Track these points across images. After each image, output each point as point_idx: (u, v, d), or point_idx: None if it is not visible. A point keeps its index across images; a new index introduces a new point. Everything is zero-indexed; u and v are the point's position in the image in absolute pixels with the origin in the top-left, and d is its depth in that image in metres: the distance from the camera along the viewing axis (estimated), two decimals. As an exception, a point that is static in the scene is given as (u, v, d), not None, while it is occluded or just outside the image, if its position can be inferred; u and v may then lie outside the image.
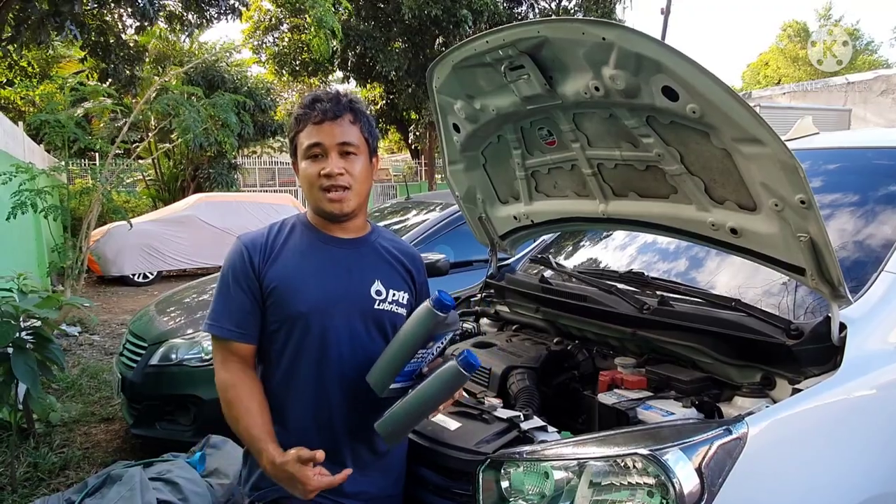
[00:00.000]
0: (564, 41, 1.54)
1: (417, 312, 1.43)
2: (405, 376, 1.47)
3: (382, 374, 1.45)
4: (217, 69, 14.94)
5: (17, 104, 13.37)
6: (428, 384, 1.41)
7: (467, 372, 1.37)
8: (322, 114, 1.50)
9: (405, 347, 1.43)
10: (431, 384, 1.41)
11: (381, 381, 1.45)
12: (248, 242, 1.55)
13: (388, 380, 1.45)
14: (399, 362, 1.44)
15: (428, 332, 1.42)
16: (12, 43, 8.19)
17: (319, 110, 1.51)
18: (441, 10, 14.53)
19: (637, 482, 1.27)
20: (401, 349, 1.44)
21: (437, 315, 1.40)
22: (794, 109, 12.05)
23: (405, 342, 1.43)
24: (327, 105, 1.51)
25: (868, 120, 14.32)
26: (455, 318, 1.49)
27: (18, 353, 3.07)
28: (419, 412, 1.43)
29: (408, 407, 1.42)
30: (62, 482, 3.37)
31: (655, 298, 1.87)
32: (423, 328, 1.41)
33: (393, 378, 1.45)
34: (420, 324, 1.42)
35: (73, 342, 6.33)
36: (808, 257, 1.45)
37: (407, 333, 1.44)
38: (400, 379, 1.46)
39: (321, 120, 1.50)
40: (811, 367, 1.46)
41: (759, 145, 1.39)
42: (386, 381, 1.45)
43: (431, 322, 1.40)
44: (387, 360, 1.45)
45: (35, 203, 5.32)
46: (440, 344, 1.50)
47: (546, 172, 2.10)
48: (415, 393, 1.42)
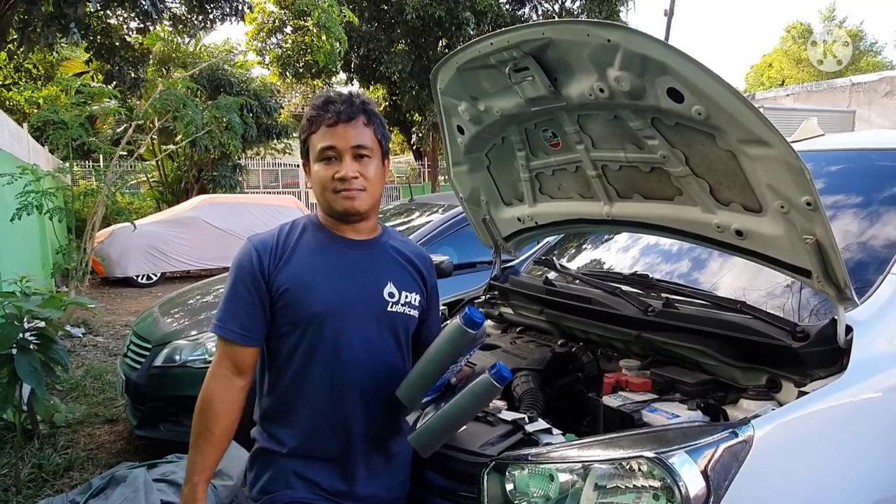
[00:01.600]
0: (569, 43, 1.54)
1: (448, 330, 1.42)
2: (434, 390, 1.48)
3: (414, 389, 1.45)
4: (223, 72, 14.97)
5: (22, 106, 13.42)
6: (462, 398, 1.41)
7: (500, 384, 1.37)
8: (336, 116, 1.48)
9: (436, 364, 1.43)
10: (465, 398, 1.40)
11: (413, 397, 1.46)
12: (259, 244, 1.53)
13: (420, 395, 1.45)
14: (431, 379, 1.44)
15: (459, 349, 1.42)
16: (19, 46, 8.22)
17: (333, 112, 1.49)
18: (444, 11, 14.54)
19: (642, 485, 1.27)
20: (432, 366, 1.43)
21: (468, 332, 1.39)
22: (798, 111, 12.01)
23: (436, 359, 1.43)
24: (341, 107, 1.49)
25: (872, 121, 14.27)
26: (483, 332, 1.48)
27: (23, 354, 3.08)
28: (453, 425, 1.44)
29: (443, 420, 1.42)
30: (66, 483, 3.37)
31: (660, 300, 1.86)
32: (454, 345, 1.41)
33: (424, 394, 1.45)
34: (451, 341, 1.41)
35: (77, 343, 6.35)
36: (814, 259, 1.44)
37: (438, 351, 1.43)
38: (431, 393, 1.47)
39: (335, 122, 1.48)
40: (817, 370, 1.46)
41: (764, 147, 1.39)
42: (417, 396, 1.45)
43: (463, 339, 1.40)
44: (418, 376, 1.45)
45: (40, 204, 5.34)
46: (468, 356, 1.50)
47: (550, 174, 2.10)
48: (449, 406, 1.42)
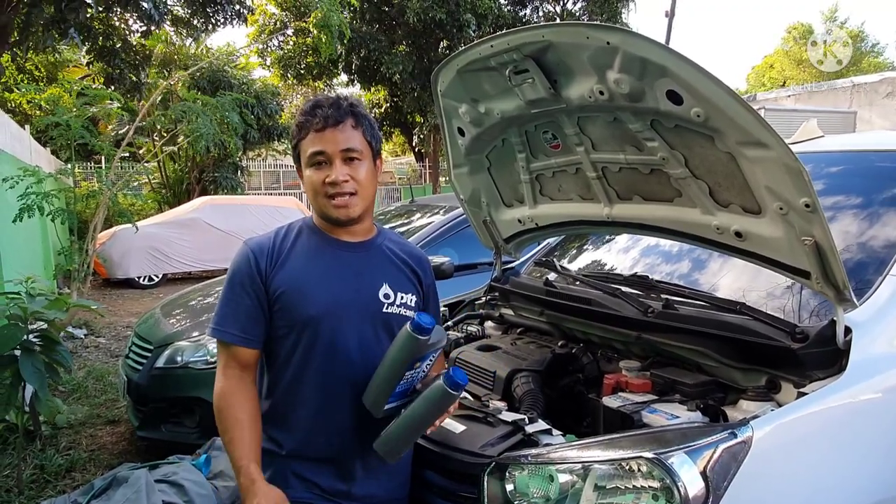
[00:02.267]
0: (569, 45, 1.54)
1: (398, 337, 1.43)
2: (398, 396, 1.47)
3: (375, 396, 1.46)
4: (224, 73, 14.99)
5: (24, 108, 13.46)
6: (416, 405, 1.43)
7: (454, 391, 1.37)
8: (324, 120, 1.49)
9: (391, 372, 1.43)
10: (420, 405, 1.42)
11: (375, 403, 1.46)
12: (255, 247, 1.55)
13: (382, 401, 1.45)
14: (388, 385, 1.44)
15: (411, 355, 1.41)
16: (18, 47, 8.24)
17: (321, 117, 1.50)
18: (445, 13, 14.57)
19: (642, 485, 1.27)
20: (387, 373, 1.44)
21: (418, 339, 1.38)
22: (798, 112, 12.01)
23: (390, 367, 1.43)
24: (328, 111, 1.50)
25: (873, 122, 14.26)
26: (440, 335, 1.47)
27: (26, 356, 3.08)
28: (412, 431, 1.44)
29: (401, 427, 1.43)
30: (68, 484, 3.38)
31: (660, 302, 1.87)
32: (405, 352, 1.41)
33: (386, 400, 1.45)
34: (402, 348, 1.41)
35: (78, 344, 6.36)
36: (813, 261, 1.45)
37: (390, 358, 1.43)
38: (394, 399, 1.46)
39: (323, 127, 1.49)
40: (816, 371, 1.46)
41: (763, 149, 1.40)
42: (380, 402, 1.45)
43: (413, 346, 1.39)
44: (377, 384, 1.45)
45: (42, 206, 5.35)
46: (429, 361, 1.49)
47: (550, 176, 2.10)
48: (406, 414, 1.43)
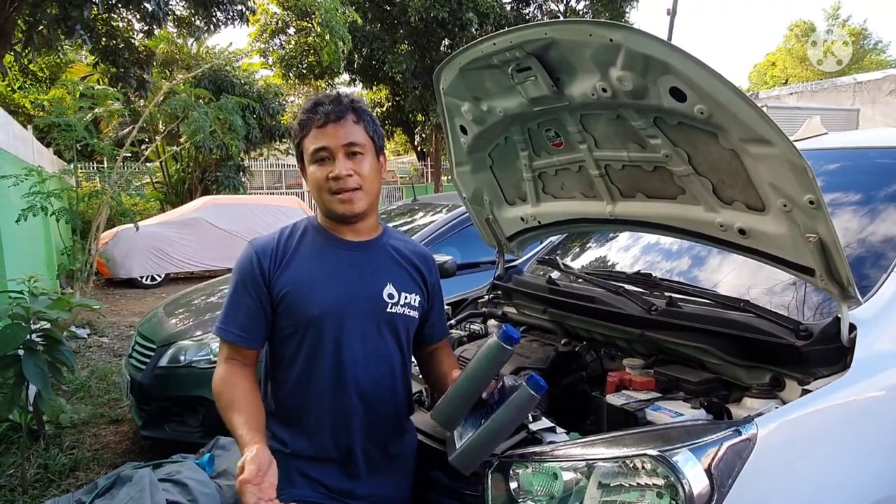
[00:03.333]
0: (571, 43, 1.54)
1: (487, 349, 1.39)
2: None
3: (453, 412, 1.42)
4: (225, 73, 15.01)
5: (27, 108, 13.49)
6: (504, 411, 1.37)
7: (538, 394, 1.34)
8: (325, 116, 1.50)
9: (477, 384, 1.40)
10: (507, 411, 1.37)
11: (452, 418, 1.43)
12: (259, 248, 1.55)
13: (460, 416, 1.42)
14: (471, 399, 1.41)
15: (499, 365, 1.40)
16: (24, 48, 8.25)
17: (322, 113, 1.50)
18: (447, 12, 14.56)
19: (646, 483, 1.27)
20: (472, 385, 1.41)
21: (507, 349, 1.37)
22: (801, 110, 11.99)
23: (477, 378, 1.40)
24: (329, 107, 1.51)
25: (876, 120, 14.23)
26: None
27: (29, 355, 3.09)
28: (496, 440, 1.40)
29: (485, 437, 1.38)
30: (72, 483, 3.39)
31: (663, 299, 1.86)
32: (493, 363, 1.39)
33: (464, 414, 1.42)
34: (492, 360, 1.39)
35: (82, 344, 6.37)
36: (818, 258, 1.44)
37: (478, 370, 1.40)
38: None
39: (324, 123, 1.50)
40: (820, 368, 1.46)
41: (767, 146, 1.39)
42: (457, 418, 1.43)
43: (502, 356, 1.38)
44: (458, 397, 1.42)
45: (45, 206, 5.36)
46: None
47: (553, 174, 2.10)
48: (492, 422, 1.38)
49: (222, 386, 1.49)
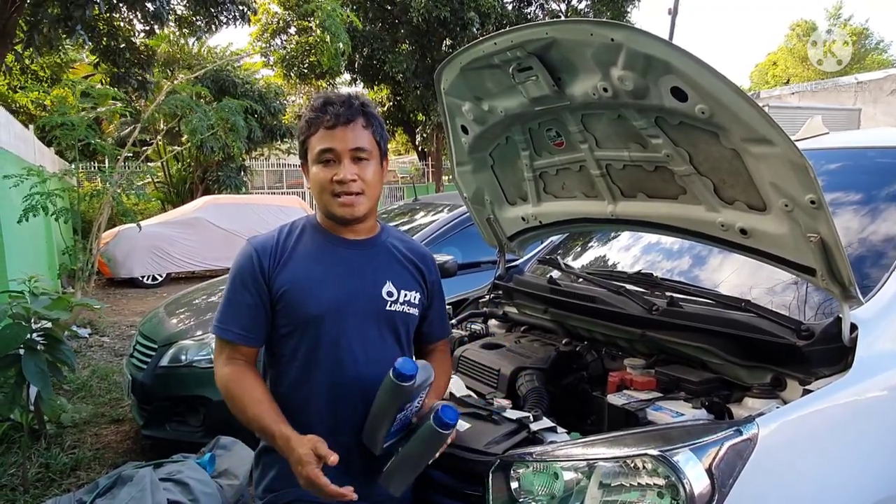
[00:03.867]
0: (573, 42, 1.54)
1: (383, 384, 1.41)
2: (394, 434, 1.46)
3: (371, 436, 1.46)
4: (227, 73, 15.01)
5: (29, 108, 13.50)
6: (411, 445, 1.42)
7: (444, 430, 1.36)
8: (334, 118, 1.48)
9: (381, 417, 1.42)
10: (414, 445, 1.41)
11: (372, 442, 1.46)
12: (258, 246, 1.54)
13: (379, 441, 1.45)
14: (382, 427, 1.43)
15: (398, 401, 1.40)
16: (26, 48, 8.26)
17: (332, 114, 1.48)
18: (448, 12, 14.55)
19: (647, 483, 1.27)
20: (378, 418, 1.43)
21: (402, 386, 1.36)
22: (803, 109, 11.97)
23: (380, 413, 1.42)
24: (339, 109, 1.49)
25: (878, 120, 14.21)
26: (427, 374, 1.44)
27: (30, 355, 3.09)
28: (412, 468, 1.44)
29: (400, 465, 1.43)
30: (73, 483, 3.39)
31: (664, 299, 1.86)
32: (391, 399, 1.40)
33: (383, 439, 1.45)
34: (387, 396, 1.40)
35: (83, 344, 6.37)
36: (819, 258, 1.44)
37: (377, 405, 1.43)
38: (391, 437, 1.46)
39: (333, 125, 1.48)
40: (822, 368, 1.46)
41: (768, 145, 1.39)
42: (377, 442, 1.45)
43: (398, 392, 1.38)
44: (371, 425, 1.45)
45: (46, 206, 5.36)
46: (419, 400, 1.47)
47: (554, 173, 2.10)
48: (402, 453, 1.43)
49: (233, 387, 1.47)
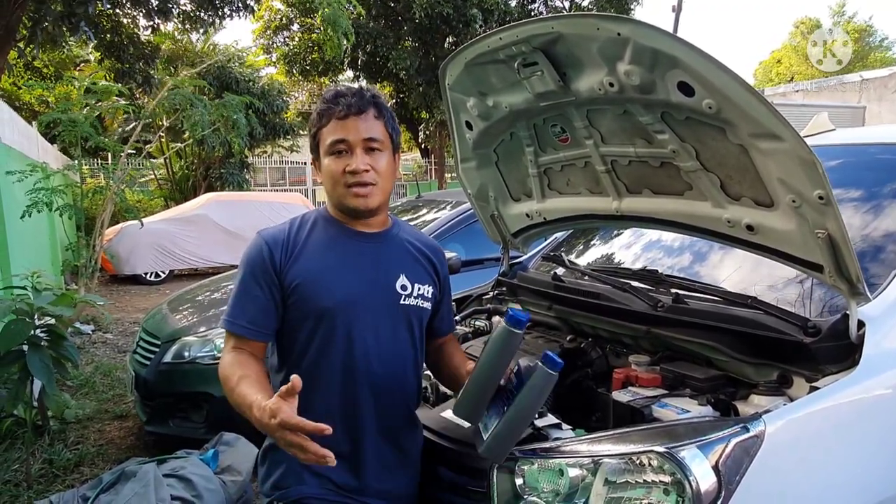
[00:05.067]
0: (578, 37, 1.53)
1: (497, 336, 1.37)
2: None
3: (474, 405, 1.40)
4: (229, 70, 15.02)
5: (32, 105, 13.53)
6: (524, 396, 1.34)
7: (555, 371, 1.32)
8: (346, 108, 1.47)
9: (492, 374, 1.38)
10: (527, 395, 1.34)
11: (474, 413, 1.41)
12: (270, 239, 1.52)
13: (482, 409, 1.40)
14: (489, 390, 1.39)
15: (512, 351, 1.37)
16: (29, 44, 8.27)
17: (343, 105, 1.47)
18: (451, 8, 14.53)
19: (653, 480, 1.26)
20: (488, 377, 1.38)
21: (517, 334, 1.34)
22: (808, 107, 11.93)
23: (492, 370, 1.37)
24: (351, 100, 1.48)
25: (883, 117, 14.18)
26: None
27: (34, 351, 3.10)
28: (522, 425, 1.39)
29: (511, 423, 1.36)
30: (77, 478, 3.40)
31: (670, 296, 1.85)
32: (507, 351, 1.36)
33: (485, 407, 1.40)
34: (503, 347, 1.36)
35: (86, 340, 6.39)
36: (826, 254, 1.43)
37: (492, 360, 1.37)
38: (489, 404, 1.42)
39: (345, 115, 1.47)
40: (829, 365, 1.45)
41: (776, 141, 1.38)
42: (479, 411, 1.41)
43: (514, 342, 1.36)
44: (476, 391, 1.40)
45: (49, 202, 5.37)
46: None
47: (559, 170, 2.09)
48: (514, 409, 1.35)
49: (229, 370, 1.42)
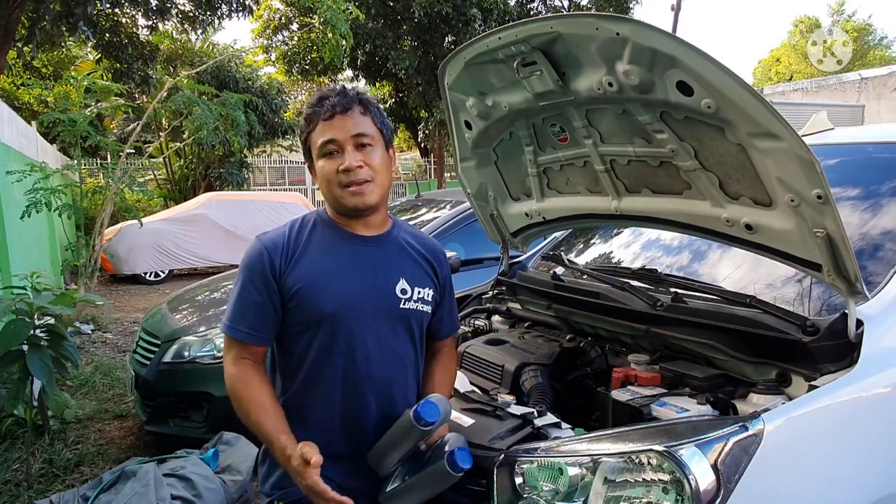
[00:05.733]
0: (577, 37, 1.53)
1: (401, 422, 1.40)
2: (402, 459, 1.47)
3: (379, 462, 1.46)
4: (228, 69, 15.00)
5: (31, 104, 13.51)
6: (419, 479, 1.40)
7: (455, 473, 1.34)
8: (331, 108, 1.48)
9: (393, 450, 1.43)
10: (422, 479, 1.40)
11: (379, 467, 1.47)
12: (269, 243, 1.51)
13: (386, 466, 1.46)
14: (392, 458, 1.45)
15: (415, 440, 1.41)
16: (27, 44, 8.27)
17: (328, 106, 1.48)
18: (451, 8, 14.51)
19: (652, 479, 1.27)
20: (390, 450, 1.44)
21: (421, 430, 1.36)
22: (806, 106, 11.94)
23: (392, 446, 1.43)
24: (335, 99, 1.49)
25: (882, 116, 14.19)
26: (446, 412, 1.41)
27: (34, 351, 3.10)
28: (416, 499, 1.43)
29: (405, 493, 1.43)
30: (77, 478, 3.40)
31: (669, 295, 1.86)
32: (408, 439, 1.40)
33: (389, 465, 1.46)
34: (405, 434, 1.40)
35: (86, 340, 6.39)
36: (825, 253, 1.44)
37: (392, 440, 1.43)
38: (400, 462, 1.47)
39: (331, 115, 1.48)
40: (827, 364, 1.45)
41: (774, 140, 1.38)
42: (384, 468, 1.46)
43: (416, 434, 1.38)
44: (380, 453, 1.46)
45: (49, 202, 5.36)
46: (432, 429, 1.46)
47: (558, 169, 2.09)
48: (409, 483, 1.42)
49: (240, 387, 1.47)
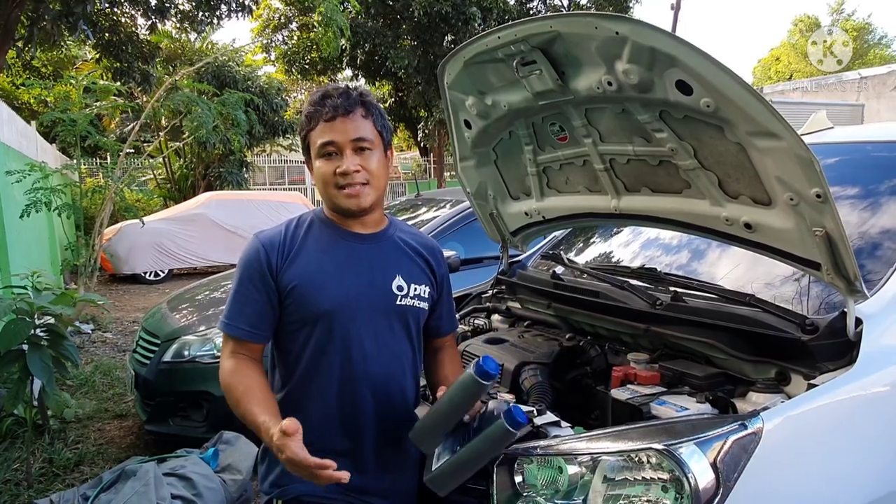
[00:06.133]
0: (577, 36, 1.53)
1: (462, 380, 1.36)
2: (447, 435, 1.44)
3: (428, 435, 1.42)
4: (228, 68, 15.00)
5: (31, 104, 13.51)
6: (474, 445, 1.35)
7: (514, 430, 1.31)
8: (333, 110, 1.47)
9: (452, 416, 1.39)
10: (478, 445, 1.35)
11: (427, 442, 1.43)
12: (266, 241, 1.52)
13: (434, 440, 1.42)
14: (445, 427, 1.40)
15: (476, 398, 1.38)
16: (27, 44, 8.27)
17: (330, 107, 1.48)
18: (450, 7, 14.51)
19: (651, 477, 1.27)
20: (447, 417, 1.39)
21: (484, 385, 1.33)
22: (806, 105, 11.94)
23: (451, 412, 1.38)
24: (338, 101, 1.48)
25: (882, 115, 14.19)
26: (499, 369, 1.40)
27: (34, 350, 3.10)
28: (469, 468, 1.38)
29: (458, 464, 1.37)
30: (77, 478, 3.40)
31: (668, 294, 1.86)
32: (470, 398, 1.37)
33: (438, 438, 1.42)
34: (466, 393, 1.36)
35: (86, 339, 6.39)
36: (824, 252, 1.44)
37: (451, 404, 1.38)
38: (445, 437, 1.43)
39: (333, 116, 1.47)
40: (826, 363, 1.45)
41: (774, 139, 1.38)
42: (431, 441, 1.42)
43: (479, 390, 1.35)
44: (433, 423, 1.41)
45: (48, 201, 5.36)
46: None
47: (558, 168, 2.09)
48: (464, 452, 1.36)
49: (232, 379, 1.45)
